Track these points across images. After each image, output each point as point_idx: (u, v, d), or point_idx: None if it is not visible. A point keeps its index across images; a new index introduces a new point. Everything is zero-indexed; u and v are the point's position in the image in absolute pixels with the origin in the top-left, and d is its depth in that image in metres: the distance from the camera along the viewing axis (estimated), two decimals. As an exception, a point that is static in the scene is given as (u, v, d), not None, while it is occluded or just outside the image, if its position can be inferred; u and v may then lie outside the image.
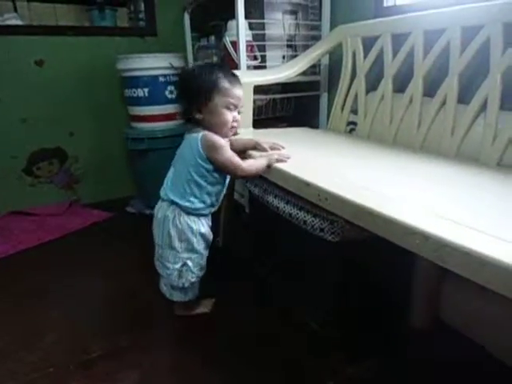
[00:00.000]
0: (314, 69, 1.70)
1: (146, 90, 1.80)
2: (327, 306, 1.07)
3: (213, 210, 1.13)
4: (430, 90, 1.16)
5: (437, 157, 1.06)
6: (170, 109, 1.84)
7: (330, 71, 1.69)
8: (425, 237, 0.59)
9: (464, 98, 1.06)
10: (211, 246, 1.15)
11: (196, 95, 1.02)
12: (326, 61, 1.67)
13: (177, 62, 1.83)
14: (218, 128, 1.03)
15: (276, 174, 0.99)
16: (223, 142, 1.02)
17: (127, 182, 2.19)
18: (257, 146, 1.13)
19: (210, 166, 1.02)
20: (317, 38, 1.64)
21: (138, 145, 1.85)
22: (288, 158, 1.00)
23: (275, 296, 1.26)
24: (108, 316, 1.23)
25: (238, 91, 1.02)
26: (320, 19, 1.64)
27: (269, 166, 0.99)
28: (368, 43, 1.37)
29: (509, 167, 0.94)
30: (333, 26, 1.60)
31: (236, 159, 1.01)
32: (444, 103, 1.10)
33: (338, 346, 1.01)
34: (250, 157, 1.09)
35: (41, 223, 1.87)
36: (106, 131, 2.13)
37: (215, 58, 1.84)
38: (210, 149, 1.00)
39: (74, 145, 2.08)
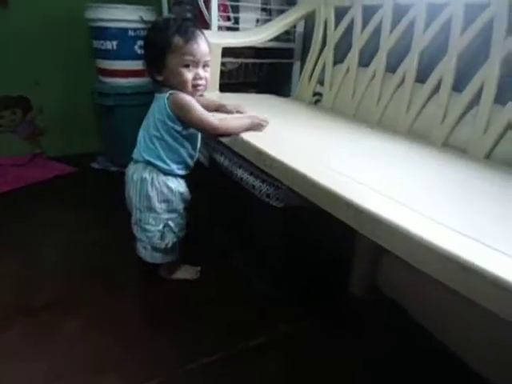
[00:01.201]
0: (288, 36, 1.67)
1: (114, 42, 1.73)
2: (271, 270, 1.11)
3: (188, 171, 1.11)
4: (393, 67, 1.17)
5: (391, 133, 1.08)
6: (139, 65, 1.78)
7: (305, 39, 1.67)
8: (353, 209, 0.61)
9: (423, 76, 1.08)
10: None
11: (152, 56, 1.00)
12: (301, 28, 1.65)
13: (149, 16, 1.77)
14: (180, 88, 1.00)
15: (229, 138, 0.99)
16: (192, 100, 0.98)
17: (94, 138, 2.15)
18: (220, 108, 1.11)
19: (178, 127, 1.01)
20: (293, 4, 1.60)
21: (106, 100, 1.81)
22: (267, 123, 0.96)
23: (223, 259, 1.30)
24: (62, 268, 1.24)
25: (195, 47, 0.96)
26: (297, -17, 1.60)
27: (251, 128, 0.94)
28: (341, 13, 1.35)
29: (454, 148, 0.97)
30: (310, -9, 1.56)
31: (210, 117, 0.97)
32: (403, 81, 1.11)
33: (278, 307, 1.07)
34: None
35: (1, 172, 1.83)
36: (74, 83, 2.05)
37: (189, 15, 1.77)
38: (179, 109, 0.98)
39: (39, 95, 2.00)
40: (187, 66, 0.98)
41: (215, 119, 0.97)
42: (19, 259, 1.26)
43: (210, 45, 1.03)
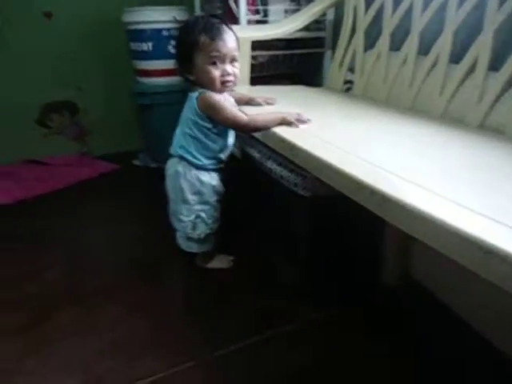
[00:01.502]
0: (319, 25, 1.65)
1: (150, 43, 1.80)
2: (301, 258, 1.12)
3: (221, 165, 1.14)
4: (425, 49, 1.13)
5: (424, 118, 1.04)
6: (173, 64, 1.84)
7: (336, 27, 1.64)
8: (371, 191, 0.61)
9: (458, 57, 1.03)
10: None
11: (181, 55, 1.04)
12: (331, 16, 1.62)
13: (182, 16, 1.82)
14: (209, 86, 1.02)
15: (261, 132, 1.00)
16: (220, 100, 1.01)
17: (135, 136, 2.25)
18: (250, 102, 1.13)
19: (209, 125, 1.04)
20: (322, -8, 1.58)
21: (143, 99, 1.89)
22: (306, 120, 0.91)
23: (257, 248, 1.33)
24: (107, 259, 1.33)
25: (220, 44, 0.98)
26: (327, -29, 1.58)
27: (282, 124, 0.91)
28: (371, -1, 1.32)
29: (490, 129, 0.93)
30: (340, -22, 1.53)
31: (239, 115, 0.98)
32: (436, 62, 1.07)
33: (308, 295, 1.08)
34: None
35: (52, 172, 1.97)
36: (115, 85, 2.16)
37: (219, 12, 1.80)
38: (207, 108, 1.01)
39: (83, 98, 2.14)
40: (214, 63, 0.99)
41: (244, 116, 0.98)
42: (69, 250, 1.37)
43: (238, 39, 1.05)
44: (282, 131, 0.91)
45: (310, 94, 1.38)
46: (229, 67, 1.01)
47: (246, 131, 1.03)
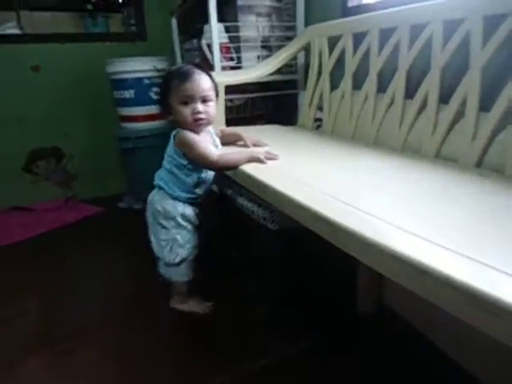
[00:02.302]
0: (291, 68, 1.76)
1: (132, 91, 1.90)
2: (274, 291, 1.13)
3: (198, 199, 1.19)
4: (383, 87, 1.20)
5: (385, 151, 1.10)
6: (154, 109, 1.94)
7: (307, 70, 1.74)
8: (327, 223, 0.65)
9: (411, 93, 1.11)
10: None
11: (160, 99, 1.13)
12: (302, 60, 1.73)
13: (162, 65, 1.93)
14: (183, 125, 1.09)
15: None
16: (194, 138, 1.06)
17: (120, 180, 2.30)
18: (241, 139, 1.19)
19: (184, 161, 1.10)
20: (291, 39, 1.69)
21: (126, 144, 1.96)
22: (275, 157, 0.97)
23: (231, 282, 1.33)
24: (87, 300, 1.33)
25: (187, 84, 1.04)
26: (294, 20, 1.70)
27: (250, 161, 0.96)
28: (334, 43, 1.42)
29: (444, 158, 0.98)
30: (307, 26, 1.65)
31: (209, 153, 1.03)
32: (393, 99, 1.14)
33: (283, 328, 1.08)
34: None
35: (38, 217, 1.99)
36: (100, 131, 2.24)
37: (197, 60, 1.91)
38: (181, 145, 1.08)
39: (69, 144, 2.21)
40: (185, 102, 1.06)
41: (215, 154, 1.03)
42: (49, 292, 1.36)
43: (214, 81, 1.12)
44: (249, 168, 0.96)
45: (282, 133, 1.45)
46: (200, 106, 1.06)
47: (217, 169, 1.09)
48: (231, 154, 1.03)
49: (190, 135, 1.07)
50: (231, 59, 1.67)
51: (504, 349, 0.69)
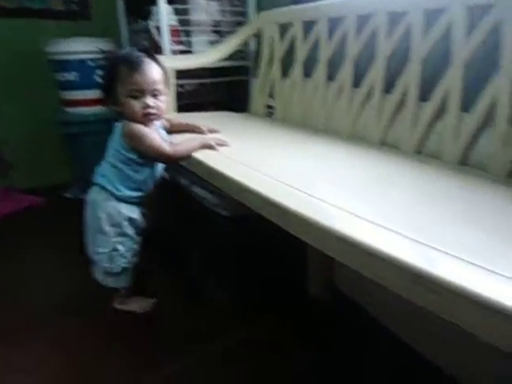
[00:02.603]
0: (242, 54, 1.75)
1: (75, 73, 1.79)
2: (227, 277, 1.14)
3: (144, 199, 1.11)
4: (333, 75, 1.23)
5: (334, 137, 1.13)
6: (99, 93, 1.84)
7: (258, 57, 1.74)
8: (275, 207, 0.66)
9: (358, 81, 1.14)
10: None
11: (104, 86, 1.03)
12: (253, 46, 1.72)
13: (108, 47, 1.83)
14: (131, 119, 1.00)
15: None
16: (145, 130, 0.99)
17: (65, 168, 2.17)
18: (195, 129, 1.14)
19: (133, 156, 1.02)
20: (242, 25, 1.68)
21: (70, 129, 1.85)
22: (225, 143, 0.95)
23: (183, 270, 1.32)
24: (30, 297, 1.25)
25: (137, 77, 0.96)
26: (246, 6, 1.69)
27: (201, 148, 0.94)
28: (285, 30, 1.42)
29: (388, 145, 1.03)
30: (259, 12, 1.64)
31: (162, 146, 0.98)
32: (342, 87, 1.18)
33: (237, 314, 1.09)
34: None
35: (-30, 209, 1.84)
36: (39, 116, 2.09)
37: (145, 43, 1.84)
38: (131, 139, 0.99)
39: (3, 129, 2.03)
40: (134, 96, 0.97)
41: (167, 146, 0.98)
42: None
43: (165, 72, 1.05)
44: (200, 155, 0.95)
45: (233, 119, 1.44)
46: (150, 100, 0.99)
47: (171, 161, 1.03)
48: (183, 143, 0.99)
49: (139, 127, 0.99)
50: (181, 43, 1.62)
51: (453, 328, 0.75)
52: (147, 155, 1.00)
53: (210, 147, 0.94)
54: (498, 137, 0.80)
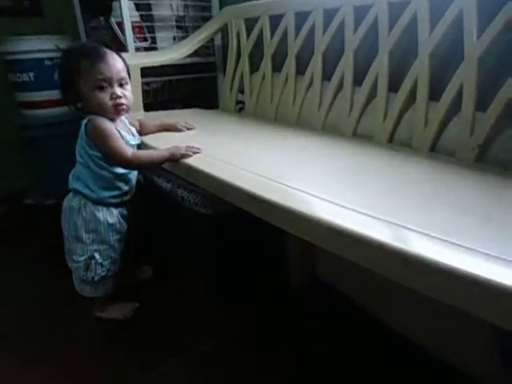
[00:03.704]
0: (208, 50, 1.73)
1: (31, 74, 1.69)
2: (209, 276, 1.13)
3: (124, 198, 1.04)
4: (302, 69, 1.24)
5: (307, 130, 1.15)
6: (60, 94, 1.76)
7: (224, 52, 1.73)
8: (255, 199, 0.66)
9: (328, 75, 1.16)
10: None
11: (64, 84, 0.97)
12: (219, 42, 1.71)
13: (65, 44, 1.74)
14: (100, 112, 0.95)
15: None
16: (109, 128, 0.94)
17: (24, 173, 2.05)
18: (171, 128, 1.12)
19: (98, 153, 0.96)
20: (207, 20, 1.66)
21: (29, 132, 1.76)
22: (198, 150, 0.89)
23: (164, 271, 1.29)
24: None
25: (102, 66, 0.91)
26: (209, 0, 1.66)
27: (171, 160, 0.89)
28: (252, 24, 1.42)
29: (360, 136, 1.05)
30: (222, 7, 1.62)
31: (123, 149, 0.93)
32: (312, 81, 1.19)
33: (220, 311, 1.09)
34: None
35: None
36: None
37: (106, 40, 1.77)
38: (93, 135, 0.94)
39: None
40: (100, 87, 0.93)
41: (128, 151, 0.94)
42: None
43: (126, 62, 1.00)
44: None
45: (205, 116, 1.42)
46: (118, 90, 0.95)
47: (128, 167, 0.99)
48: (148, 152, 0.96)
49: (107, 124, 0.94)
50: (145, 39, 1.58)
51: (435, 309, 0.78)
52: (106, 155, 0.95)
53: (181, 157, 0.88)
54: (464, 124, 0.85)
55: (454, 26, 0.85)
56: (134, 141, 1.03)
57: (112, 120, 0.97)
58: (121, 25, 1.49)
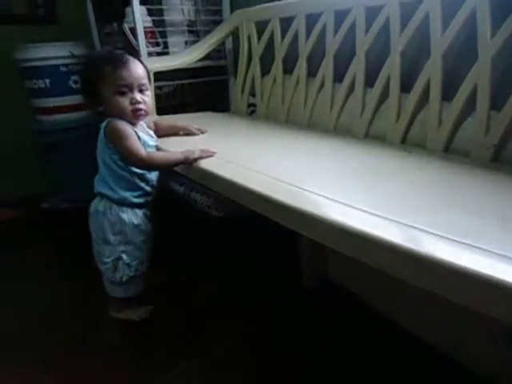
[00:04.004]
0: (220, 53, 1.74)
1: (47, 80, 1.73)
2: (223, 277, 1.14)
3: (147, 198, 1.06)
4: (313, 71, 1.25)
5: (319, 132, 1.15)
6: (76, 99, 1.79)
7: (236, 55, 1.74)
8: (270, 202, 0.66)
9: (340, 77, 1.16)
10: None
11: (87, 89, 1.00)
12: (230, 45, 1.72)
13: (79, 51, 1.78)
14: (120, 116, 0.97)
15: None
16: (126, 129, 0.96)
17: (40, 178, 2.10)
18: (184, 130, 1.14)
19: (117, 154, 0.98)
20: (218, 24, 1.67)
21: (46, 138, 1.79)
22: (213, 154, 0.90)
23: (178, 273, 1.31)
24: (16, 315, 1.20)
25: (124, 72, 0.95)
26: (220, 4, 1.68)
27: (185, 163, 0.91)
28: (262, 27, 1.42)
29: (372, 137, 1.05)
30: (233, 10, 1.63)
31: (136, 148, 0.95)
32: (323, 83, 1.19)
33: (235, 312, 1.09)
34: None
35: None
36: (10, 125, 2.00)
37: (119, 45, 1.80)
38: (110, 136, 0.97)
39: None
40: (121, 92, 0.96)
41: (143, 151, 0.95)
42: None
43: (146, 68, 1.02)
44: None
45: (216, 120, 1.44)
46: (138, 95, 0.97)
47: (143, 167, 1.00)
48: (163, 153, 0.99)
49: (123, 125, 0.97)
50: (157, 44, 1.60)
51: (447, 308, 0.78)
52: (120, 154, 0.98)
53: (194, 161, 0.89)
54: (479, 123, 0.83)
55: (466, 25, 0.84)
56: (153, 142, 1.04)
57: (132, 123, 1.00)
58: (133, 30, 1.52)
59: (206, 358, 0.95)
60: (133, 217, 1.04)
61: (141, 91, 0.98)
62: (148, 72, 1.03)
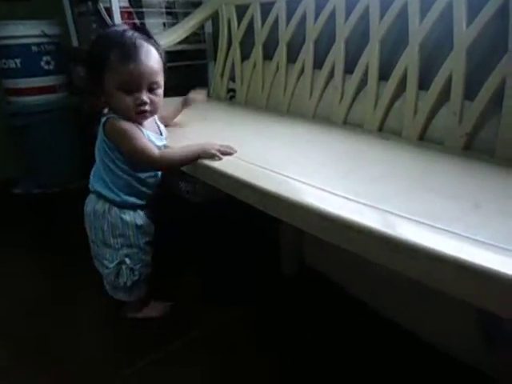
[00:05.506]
0: (199, 37, 1.71)
1: (17, 60, 1.66)
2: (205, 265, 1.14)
3: (150, 199, 0.98)
4: (293, 57, 1.24)
5: (298, 119, 1.15)
6: (49, 81, 1.73)
7: (215, 39, 1.71)
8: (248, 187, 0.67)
9: (320, 63, 1.16)
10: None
11: (90, 73, 0.86)
12: (209, 29, 1.69)
13: (52, 30, 1.71)
14: (121, 113, 0.85)
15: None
16: (129, 127, 0.85)
17: (12, 162, 2.02)
18: (187, 104, 1.10)
19: (120, 155, 0.88)
20: (198, 6, 1.63)
21: (17, 120, 1.72)
22: (234, 151, 0.80)
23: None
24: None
25: (131, 67, 0.79)
26: (200, -14, 1.64)
27: (201, 157, 0.79)
28: (242, 11, 1.40)
29: (351, 124, 1.06)
30: (213, -7, 1.60)
31: (148, 148, 0.84)
32: (303, 69, 1.19)
33: (212, 300, 1.09)
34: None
35: None
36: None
37: (94, 26, 1.74)
38: (112, 136, 0.86)
39: None
40: (124, 89, 0.82)
41: (157, 151, 0.85)
42: None
43: (162, 56, 0.88)
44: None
45: (195, 104, 1.41)
46: (145, 96, 0.83)
47: (158, 168, 0.92)
48: (179, 149, 0.85)
49: (125, 124, 0.85)
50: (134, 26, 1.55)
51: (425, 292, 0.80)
52: (129, 156, 0.87)
53: (212, 157, 0.78)
54: (453, 112, 0.86)
55: (443, 15, 0.86)
56: (161, 141, 0.93)
57: (138, 123, 0.88)
58: (109, 10, 1.47)
59: (187, 339, 0.95)
60: (136, 218, 0.96)
61: (150, 90, 0.84)
62: (163, 59, 0.88)
